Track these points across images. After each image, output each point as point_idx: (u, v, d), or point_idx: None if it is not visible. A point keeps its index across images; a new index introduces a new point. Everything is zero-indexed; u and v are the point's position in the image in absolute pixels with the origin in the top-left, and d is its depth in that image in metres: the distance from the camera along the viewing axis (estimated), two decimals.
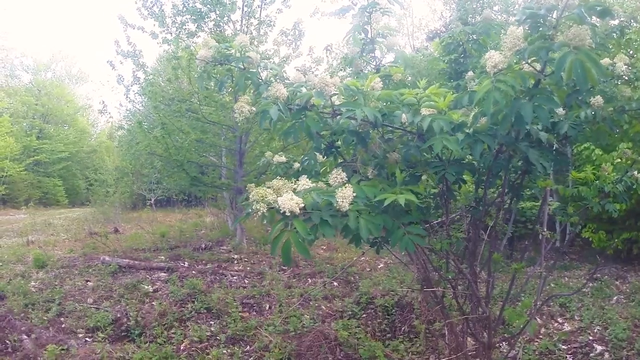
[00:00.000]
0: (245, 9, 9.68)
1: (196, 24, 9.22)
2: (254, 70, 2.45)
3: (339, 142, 2.65)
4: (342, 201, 1.85)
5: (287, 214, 1.75)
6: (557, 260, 8.70)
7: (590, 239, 7.79)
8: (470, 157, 2.57)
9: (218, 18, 9.19)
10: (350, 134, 2.38)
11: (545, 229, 4.05)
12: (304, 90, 2.31)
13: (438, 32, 14.97)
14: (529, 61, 2.04)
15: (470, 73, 2.68)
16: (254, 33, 9.57)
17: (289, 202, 1.74)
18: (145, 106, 12.37)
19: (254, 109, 2.37)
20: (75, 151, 30.91)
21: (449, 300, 3.41)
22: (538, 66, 2.08)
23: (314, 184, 2.10)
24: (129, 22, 9.67)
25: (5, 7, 56.67)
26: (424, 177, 2.46)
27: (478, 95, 1.97)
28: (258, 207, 1.82)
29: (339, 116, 2.27)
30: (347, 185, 1.94)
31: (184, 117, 9.43)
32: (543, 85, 2.14)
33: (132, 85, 10.04)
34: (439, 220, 3.00)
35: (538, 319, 5.29)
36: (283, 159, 3.42)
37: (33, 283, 6.83)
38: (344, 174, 2.18)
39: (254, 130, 9.51)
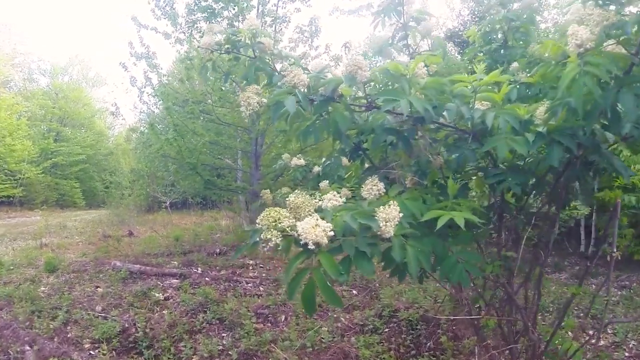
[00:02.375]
0: (261, 7, 9.44)
1: (208, 22, 8.98)
2: (267, 58, 2.06)
3: (367, 144, 2.28)
4: (386, 225, 1.41)
5: (311, 246, 1.29)
6: (587, 268, 8.27)
7: (617, 244, 7.39)
8: (524, 162, 2.18)
9: (232, 16, 8.95)
10: (388, 133, 1.94)
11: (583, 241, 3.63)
12: (329, 75, 1.88)
13: (456, 30, 14.56)
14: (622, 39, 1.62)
15: (515, 64, 2.33)
16: (269, 30, 9.31)
17: (314, 230, 1.29)
18: (160, 108, 12.23)
19: (264, 100, 1.94)
20: (93, 154, 31.09)
21: (485, 321, 3.05)
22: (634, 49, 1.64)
23: (341, 197, 1.67)
24: (142, 23, 9.55)
25: (22, 13, 57.76)
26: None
27: (564, 82, 1.55)
28: (269, 237, 1.36)
29: (375, 109, 1.84)
30: (391, 202, 1.47)
31: (198, 118, 9.22)
32: None
33: (145, 87, 9.88)
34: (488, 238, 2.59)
35: (569, 333, 4.91)
36: (302, 162, 3.16)
37: (43, 288, 6.64)
38: (382, 184, 1.75)
39: (270, 132, 9.25)
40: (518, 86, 2.24)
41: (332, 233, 1.33)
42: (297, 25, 9.64)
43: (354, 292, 6.48)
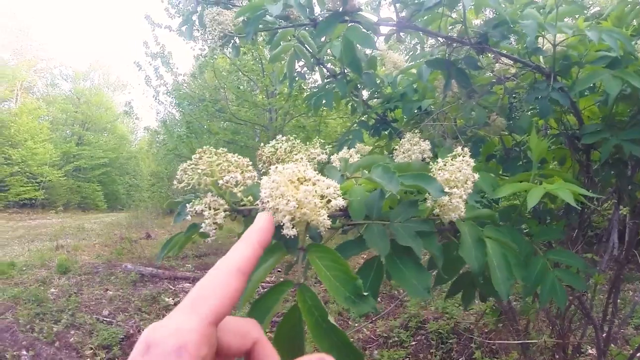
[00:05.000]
0: None
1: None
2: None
3: (395, 113, 1.80)
4: (452, 194, 0.79)
5: (288, 231, 0.61)
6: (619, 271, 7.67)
7: None
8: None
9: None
10: (433, 67, 1.35)
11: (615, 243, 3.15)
12: None
13: None
14: None
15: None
16: None
17: (295, 192, 0.61)
18: (177, 108, 12.06)
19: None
20: (115, 157, 31.12)
21: (537, 337, 2.59)
22: None
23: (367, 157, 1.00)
24: (155, 22, 9.33)
25: (42, 19, 59.11)
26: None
27: None
28: (198, 207, 0.72)
29: (410, 29, 1.22)
30: (462, 151, 0.84)
31: (214, 117, 8.90)
32: None
33: (160, 87, 9.64)
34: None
35: (613, 345, 4.39)
36: (318, 151, 2.73)
37: (52, 290, 6.37)
38: (427, 143, 1.13)
39: (289, 130, 8.88)
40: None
41: (341, 202, 0.64)
42: None
43: (377, 299, 6.00)
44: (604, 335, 2.26)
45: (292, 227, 0.61)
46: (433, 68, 1.41)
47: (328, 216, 0.63)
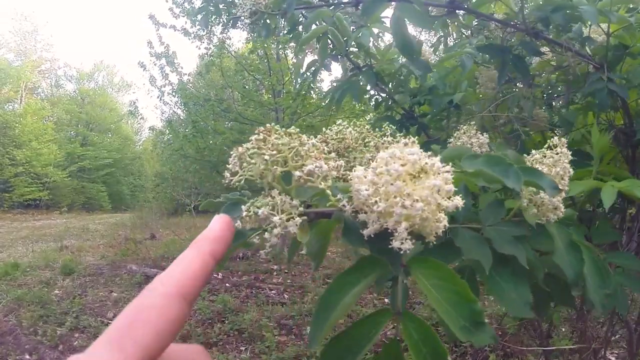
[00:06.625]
0: None
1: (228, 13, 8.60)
2: None
3: (423, 107, 1.69)
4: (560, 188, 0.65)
5: (405, 244, 0.47)
6: None
7: None
8: None
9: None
10: (486, 52, 1.24)
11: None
12: None
13: None
14: None
15: None
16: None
17: (415, 192, 0.46)
18: (182, 109, 11.98)
19: None
20: (119, 158, 31.15)
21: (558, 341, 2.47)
22: None
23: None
24: (160, 22, 9.21)
25: (46, 20, 59.44)
26: None
27: None
28: (258, 210, 0.54)
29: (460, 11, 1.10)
30: (559, 141, 0.72)
31: (220, 116, 8.80)
32: None
33: (165, 87, 9.53)
34: None
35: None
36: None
37: (56, 291, 6.31)
38: (485, 136, 1.03)
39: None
40: None
41: (460, 201, 0.49)
42: None
43: (387, 301, 5.89)
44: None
45: (406, 240, 0.47)
46: (486, 54, 1.29)
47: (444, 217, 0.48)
